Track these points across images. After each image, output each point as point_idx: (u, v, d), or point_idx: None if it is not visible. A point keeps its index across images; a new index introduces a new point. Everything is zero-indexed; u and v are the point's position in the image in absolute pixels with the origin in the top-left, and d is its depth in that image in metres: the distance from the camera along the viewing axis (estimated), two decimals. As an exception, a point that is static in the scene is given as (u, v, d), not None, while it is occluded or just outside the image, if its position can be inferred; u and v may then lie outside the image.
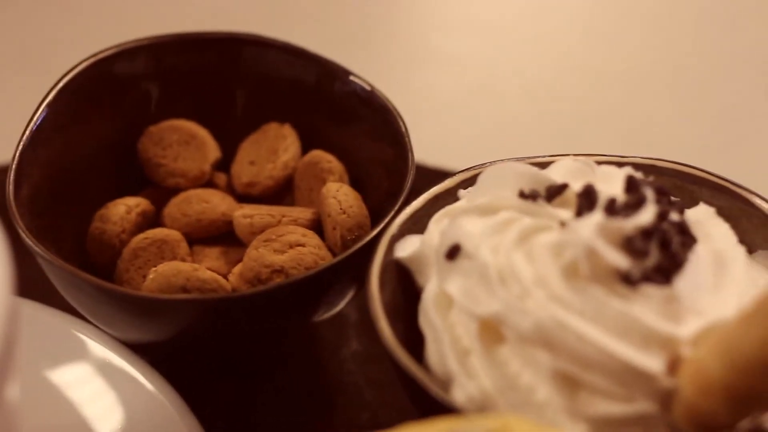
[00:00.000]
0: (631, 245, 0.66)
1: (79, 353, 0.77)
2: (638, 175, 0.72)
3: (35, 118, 0.81)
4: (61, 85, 0.83)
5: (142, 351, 0.78)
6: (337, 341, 0.87)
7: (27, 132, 0.81)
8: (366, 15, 1.24)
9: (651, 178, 0.73)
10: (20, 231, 0.75)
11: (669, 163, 0.79)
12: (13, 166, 0.79)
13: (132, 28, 0.93)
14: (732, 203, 0.77)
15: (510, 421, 0.60)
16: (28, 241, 0.75)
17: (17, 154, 0.80)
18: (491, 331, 0.68)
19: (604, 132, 1.07)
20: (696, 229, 0.71)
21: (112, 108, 0.87)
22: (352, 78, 0.86)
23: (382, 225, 0.75)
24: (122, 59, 0.86)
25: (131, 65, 0.87)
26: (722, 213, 0.76)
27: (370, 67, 0.91)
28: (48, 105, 0.82)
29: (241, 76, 0.89)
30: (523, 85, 1.15)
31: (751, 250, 0.75)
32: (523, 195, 0.71)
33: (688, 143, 1.07)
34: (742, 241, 0.74)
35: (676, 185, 0.78)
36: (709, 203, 0.76)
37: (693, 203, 0.77)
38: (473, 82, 1.15)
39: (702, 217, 0.74)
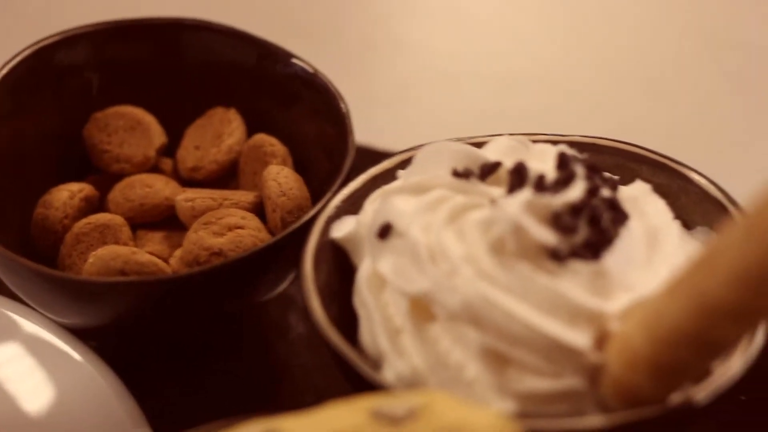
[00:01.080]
0: (559, 221, 0.66)
1: (13, 334, 0.77)
2: (571, 152, 0.72)
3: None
4: (2, 74, 0.83)
5: (86, 336, 0.78)
6: (284, 324, 0.87)
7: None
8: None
9: (584, 155, 0.72)
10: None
11: (609, 141, 0.79)
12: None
13: (73, 16, 0.93)
14: (671, 180, 0.77)
15: (434, 398, 0.60)
16: None
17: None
18: (422, 310, 0.68)
19: (555, 116, 1.08)
20: (631, 206, 0.71)
21: (55, 95, 0.87)
22: (294, 60, 0.86)
23: (318, 206, 0.75)
24: (65, 47, 0.86)
25: (74, 53, 0.87)
26: (662, 190, 0.76)
27: (322, 53, 0.92)
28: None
29: (187, 61, 0.89)
30: (473, 70, 1.15)
31: (690, 227, 0.75)
32: (456, 173, 0.71)
33: (632, 123, 1.07)
34: (681, 217, 0.74)
35: (616, 163, 0.78)
36: (649, 180, 0.76)
37: (633, 181, 0.77)
38: (429, 68, 1.15)
39: (638, 194, 0.74)
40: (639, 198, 0.73)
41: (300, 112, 0.86)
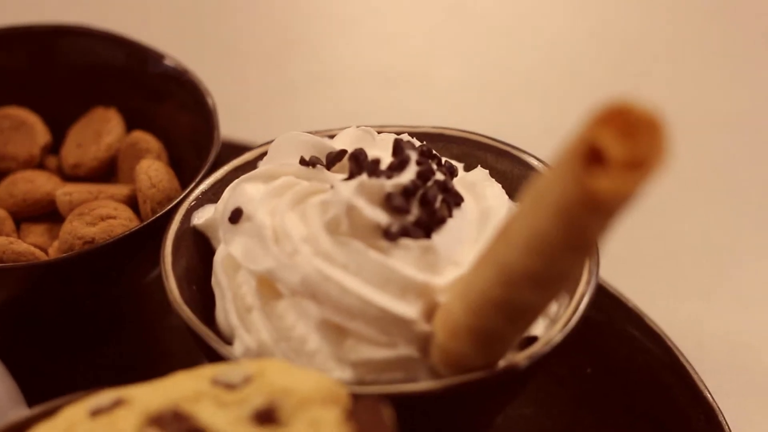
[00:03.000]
0: (391, 202, 0.71)
1: None
2: (408, 140, 0.77)
3: None
4: None
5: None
6: (165, 309, 0.92)
7: None
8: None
9: (422, 143, 0.77)
10: None
11: (457, 131, 0.84)
12: None
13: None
14: (513, 167, 0.82)
15: (268, 366, 0.64)
16: None
17: None
18: (270, 288, 0.73)
19: (424, 110, 1.14)
20: (469, 190, 0.77)
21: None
22: (166, 60, 0.91)
23: (182, 196, 0.80)
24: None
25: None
26: (504, 176, 0.81)
27: (206, 59, 0.98)
28: None
29: (68, 63, 0.95)
30: (350, 70, 1.23)
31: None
32: (303, 162, 0.77)
33: (494, 116, 1.15)
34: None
35: (463, 152, 0.83)
36: (494, 167, 0.82)
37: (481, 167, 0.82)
38: (310, 69, 1.23)
39: (477, 179, 0.79)
40: (477, 182, 0.78)
41: (173, 109, 0.92)
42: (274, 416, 0.61)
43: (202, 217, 0.79)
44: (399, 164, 0.73)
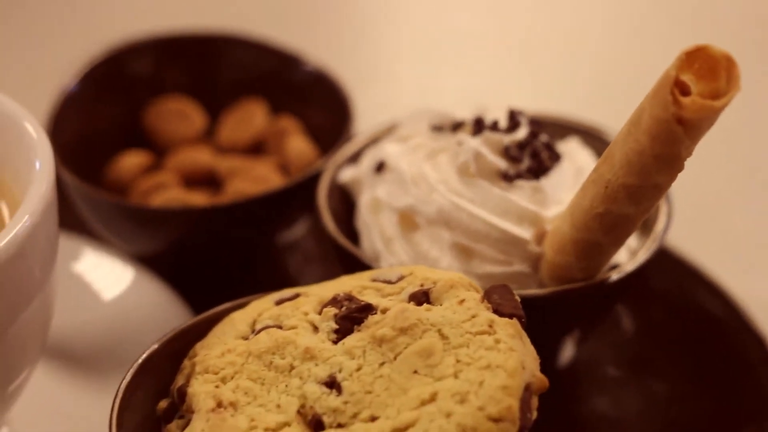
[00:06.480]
0: (508, 153, 0.89)
1: (98, 259, 1.00)
2: (521, 110, 0.95)
3: (68, 90, 1.07)
4: (85, 73, 1.09)
5: (151, 264, 1.00)
6: (300, 268, 1.09)
7: (62, 102, 1.06)
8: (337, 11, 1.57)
9: (526, 113, 0.95)
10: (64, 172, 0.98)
11: (550, 114, 1.01)
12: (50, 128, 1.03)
13: (130, 21, 1.20)
14: (600, 144, 0.99)
15: (415, 267, 0.81)
16: (69, 178, 0.98)
17: (50, 120, 1.04)
18: (408, 222, 0.90)
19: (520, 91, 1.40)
20: (565, 153, 0.94)
21: (124, 87, 1.12)
22: (308, 61, 1.11)
23: (325, 159, 0.98)
24: (131, 52, 1.12)
25: (138, 56, 1.12)
26: (593, 150, 0.98)
27: (333, 49, 1.25)
28: (81, 80, 1.08)
29: (226, 62, 1.14)
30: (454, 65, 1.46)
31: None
32: (433, 127, 0.95)
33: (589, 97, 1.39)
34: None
35: (555, 131, 1.00)
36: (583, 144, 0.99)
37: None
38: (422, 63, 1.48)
39: (572, 147, 0.96)
40: (572, 149, 0.96)
41: (313, 100, 1.10)
42: (428, 296, 0.76)
43: (346, 175, 0.96)
44: (513, 125, 0.91)
